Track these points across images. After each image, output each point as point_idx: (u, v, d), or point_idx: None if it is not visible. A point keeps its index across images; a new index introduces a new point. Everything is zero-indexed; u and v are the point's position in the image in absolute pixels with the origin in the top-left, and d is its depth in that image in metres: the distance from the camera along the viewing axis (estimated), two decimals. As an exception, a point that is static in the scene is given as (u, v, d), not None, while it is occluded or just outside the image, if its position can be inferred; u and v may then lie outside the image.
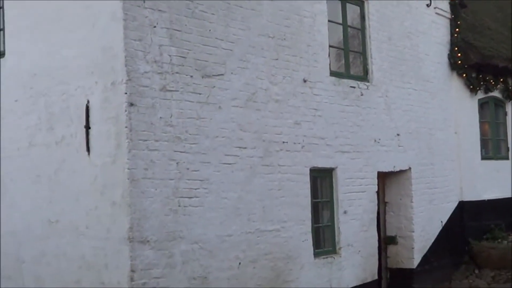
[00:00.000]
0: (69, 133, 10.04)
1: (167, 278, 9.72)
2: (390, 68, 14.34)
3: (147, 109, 9.54)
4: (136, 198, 9.34)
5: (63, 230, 10.18)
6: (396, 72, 14.50)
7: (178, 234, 9.89)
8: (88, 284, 9.87)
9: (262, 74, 11.38)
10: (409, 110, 14.82)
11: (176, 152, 9.91)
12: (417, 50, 15.24)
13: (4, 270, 11.21)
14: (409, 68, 14.95)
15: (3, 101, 11.14)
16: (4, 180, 11.14)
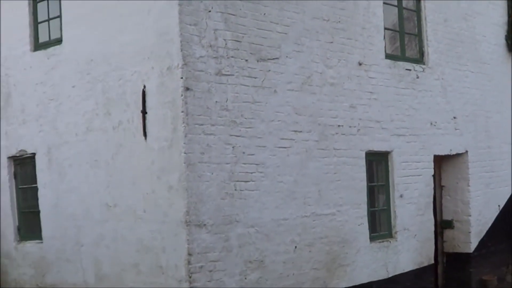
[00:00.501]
0: (126, 118, 10.13)
1: (223, 261, 9.78)
2: (446, 50, 14.11)
3: (203, 93, 9.57)
4: (192, 182, 9.40)
5: (121, 214, 10.30)
6: (452, 54, 14.27)
7: (234, 217, 9.93)
8: (145, 267, 9.99)
9: (317, 57, 11.31)
10: (465, 93, 14.58)
11: (232, 136, 9.93)
12: (473, 32, 14.96)
13: (64, 253, 11.40)
14: (466, 50, 14.68)
15: (61, 87, 11.28)
16: (63, 165, 11.30)
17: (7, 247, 12.76)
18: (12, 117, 12.31)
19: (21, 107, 12.09)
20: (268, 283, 10.36)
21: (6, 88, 12.42)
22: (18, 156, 12.31)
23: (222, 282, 9.75)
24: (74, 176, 11.10)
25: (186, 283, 9.40)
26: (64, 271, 11.46)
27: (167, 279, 9.66)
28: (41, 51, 11.73)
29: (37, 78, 11.73)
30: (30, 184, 12.18)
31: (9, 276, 12.83)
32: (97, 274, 10.83)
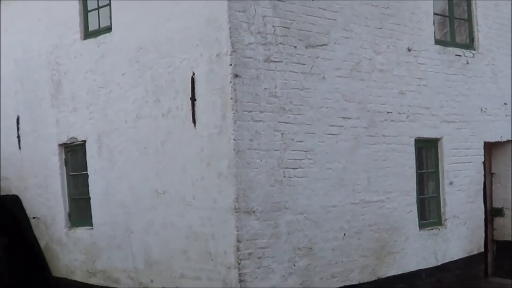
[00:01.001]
0: (175, 105, 10.17)
1: (272, 248, 9.78)
2: (497, 35, 13.87)
3: (252, 80, 9.56)
4: (241, 169, 9.41)
5: (170, 200, 10.36)
6: (503, 40, 14.01)
7: (283, 204, 9.92)
8: (194, 254, 10.05)
9: (366, 43, 11.22)
10: (516, 78, 14.35)
11: (281, 123, 9.91)
12: (524, 16, 14.70)
13: (114, 239, 11.53)
14: (517, 34, 14.44)
15: (111, 75, 11.38)
16: (113, 152, 11.41)
17: (58, 234, 12.95)
18: (63, 105, 12.46)
19: (72, 95, 12.24)
20: (316, 270, 10.35)
21: (57, 76, 12.57)
22: (69, 143, 12.47)
23: (271, 268, 9.76)
24: (124, 163, 11.21)
25: (235, 269, 9.43)
26: (114, 257, 11.60)
27: (216, 265, 9.71)
28: (91, 39, 11.84)
29: (87, 66, 11.85)
30: (80, 171, 12.33)
31: (60, 262, 13.02)
32: (146, 260, 10.93)
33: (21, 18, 13.47)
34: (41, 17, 12.91)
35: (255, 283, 9.55)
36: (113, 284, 11.68)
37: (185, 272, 10.23)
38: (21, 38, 13.55)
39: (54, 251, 13.20)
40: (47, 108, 12.92)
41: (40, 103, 13.13)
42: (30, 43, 13.33)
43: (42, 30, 12.92)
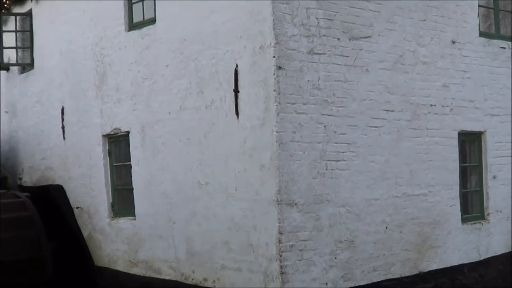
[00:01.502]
0: (219, 97, 10.20)
1: (314, 240, 9.78)
2: (543, 27, 13.68)
3: (295, 72, 9.55)
4: (284, 161, 9.42)
5: (213, 192, 10.41)
6: (549, 32, 13.82)
7: (325, 197, 9.91)
8: (236, 245, 10.09)
9: (410, 35, 11.14)
10: (562, 71, 14.10)
11: (324, 115, 9.89)
12: None
13: (156, 229, 11.62)
14: None
15: (154, 67, 11.45)
16: (156, 143, 11.49)
17: (101, 223, 13.11)
18: (107, 96, 12.59)
19: (116, 86, 12.35)
20: (358, 263, 10.32)
21: (102, 67, 12.70)
22: (113, 134, 12.60)
23: (312, 261, 9.76)
24: (167, 154, 11.28)
25: (277, 261, 9.45)
26: (156, 247, 11.69)
27: (257, 257, 9.73)
28: (135, 31, 11.93)
29: (131, 57, 11.95)
30: (123, 162, 12.46)
31: (102, 251, 13.18)
32: (188, 251, 11.01)
33: (67, 10, 13.66)
34: (87, 9, 13.05)
35: (296, 276, 9.56)
36: (155, 274, 11.78)
37: (226, 263, 10.28)
38: (67, 30, 13.74)
39: (97, 240, 13.36)
40: (91, 99, 13.07)
41: (84, 94, 13.29)
42: (75, 35, 13.50)
43: (87, 22, 13.07)
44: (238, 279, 10.06)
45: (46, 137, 14.77)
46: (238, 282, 10.07)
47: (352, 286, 10.23)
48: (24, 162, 15.83)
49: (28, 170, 15.65)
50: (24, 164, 15.83)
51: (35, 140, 15.26)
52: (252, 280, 9.83)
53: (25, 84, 15.68)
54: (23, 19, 15.54)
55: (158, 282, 11.68)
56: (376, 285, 10.57)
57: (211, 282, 10.57)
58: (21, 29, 15.56)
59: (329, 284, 9.94)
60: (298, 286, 9.57)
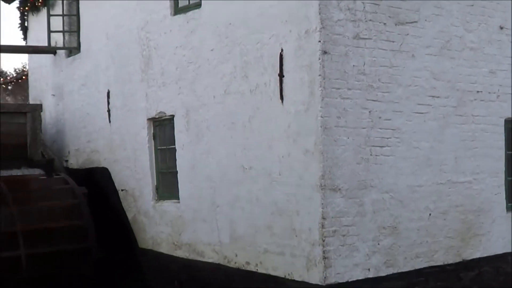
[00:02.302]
0: (263, 81, 10.21)
1: (357, 226, 9.76)
2: None
3: (340, 57, 9.52)
4: (328, 146, 9.40)
5: (257, 176, 10.44)
6: None
7: (369, 183, 9.88)
8: (279, 230, 10.11)
9: (457, 21, 11.01)
10: None
11: (369, 101, 9.85)
12: None
13: (200, 213, 11.71)
14: None
15: (200, 51, 11.50)
16: (200, 127, 11.55)
17: (146, 206, 13.24)
18: (152, 80, 12.69)
19: (161, 70, 12.43)
20: (401, 249, 10.28)
21: (147, 51, 12.79)
22: (158, 117, 12.69)
23: (355, 247, 9.75)
24: (211, 138, 11.34)
25: (319, 246, 9.46)
26: (199, 230, 11.78)
27: (300, 242, 9.75)
28: (180, 15, 11.97)
29: (176, 41, 12.01)
30: (168, 145, 12.55)
31: (146, 234, 13.31)
32: (231, 235, 11.07)
33: (113, -6, 13.78)
34: (133, -7, 13.15)
35: (339, 261, 9.56)
36: (198, 257, 11.88)
37: (269, 248, 10.31)
38: (113, 13, 13.87)
39: (141, 223, 13.51)
40: (137, 82, 13.18)
41: (130, 78, 13.41)
42: (121, 19, 13.62)
43: (133, 6, 13.16)
44: (281, 263, 10.10)
45: (92, 120, 14.96)
46: (280, 266, 10.10)
47: (394, 272, 10.20)
48: (70, 145, 16.06)
49: (74, 152, 15.87)
50: (70, 146, 16.06)
51: (81, 123, 15.46)
52: (294, 264, 9.86)
53: (72, 67, 15.88)
54: (70, 3, 15.74)
55: (201, 264, 11.77)
56: (418, 272, 10.52)
57: (253, 265, 10.62)
58: (68, 13, 15.76)
59: (372, 270, 9.93)
60: (341, 271, 9.57)
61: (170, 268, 12.63)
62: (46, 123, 16.78)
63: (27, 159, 14.74)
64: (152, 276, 13.29)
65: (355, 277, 9.74)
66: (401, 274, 10.29)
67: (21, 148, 14.74)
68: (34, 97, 18.22)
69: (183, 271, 12.31)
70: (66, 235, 12.73)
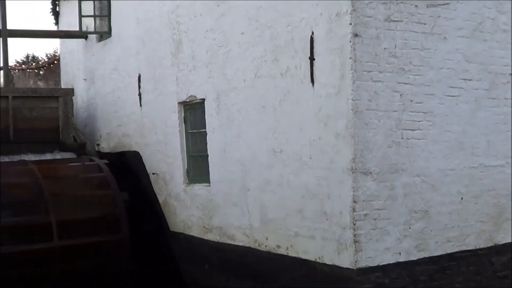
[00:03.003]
0: (294, 65, 10.18)
1: (388, 210, 9.73)
2: None
3: (372, 39, 9.45)
4: (359, 129, 9.37)
5: (287, 159, 10.43)
6: None
7: (400, 166, 9.83)
8: (310, 213, 10.11)
9: (489, 2, 10.85)
10: None
11: (400, 84, 9.78)
12: None
13: (231, 196, 11.75)
14: None
15: (230, 34, 11.49)
16: (231, 111, 11.57)
17: (177, 190, 13.30)
18: (183, 64, 12.71)
19: (192, 53, 12.45)
20: (432, 233, 10.22)
21: (177, 35, 12.81)
22: (188, 101, 12.73)
23: (386, 230, 9.72)
24: (241, 122, 11.35)
25: (350, 230, 9.45)
26: (230, 214, 11.82)
27: (331, 225, 9.74)
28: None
29: (207, 25, 12.01)
30: (199, 129, 12.59)
31: (177, 217, 13.39)
32: (262, 218, 11.09)
33: (144, -22, 13.80)
34: (163, -23, 13.16)
35: (370, 244, 9.55)
36: (229, 240, 11.93)
37: (300, 231, 10.32)
38: (144, -2, 13.90)
39: (172, 206, 13.58)
40: (167, 66, 13.22)
41: (160, 62, 13.45)
42: (151, 3, 13.64)
43: (163, -11, 13.18)
44: (311, 246, 10.10)
45: (123, 104, 15.04)
46: (311, 250, 10.11)
47: (425, 256, 10.16)
48: (101, 129, 16.17)
49: (105, 136, 15.98)
50: (101, 130, 16.17)
51: (112, 107, 15.56)
52: (325, 248, 9.86)
53: (103, 52, 15.97)
54: (101, -12, 15.81)
55: (232, 248, 11.83)
56: (450, 256, 10.47)
57: (284, 249, 10.64)
58: (99, -2, 15.85)
59: (403, 254, 9.90)
60: (371, 255, 9.56)
61: (201, 251, 12.71)
62: (77, 107, 16.92)
63: (60, 143, 14.89)
64: (183, 259, 13.38)
65: (386, 261, 9.72)
66: (432, 258, 10.25)
67: (54, 132, 14.87)
68: (65, 81, 18.36)
69: (213, 254, 12.38)
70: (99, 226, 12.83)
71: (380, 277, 9.66)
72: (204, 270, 12.68)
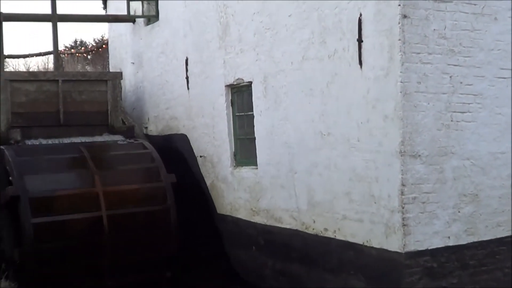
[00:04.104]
0: (342, 47, 10.11)
1: (437, 193, 9.64)
2: None
3: (421, 21, 9.33)
4: (408, 111, 9.28)
5: (335, 142, 10.39)
6: None
7: (450, 149, 9.72)
8: (357, 196, 10.07)
9: (543, -18, 10.65)
10: None
11: (450, 66, 9.64)
12: None
13: (278, 179, 11.75)
14: None
15: (277, 17, 11.45)
16: (278, 94, 11.54)
17: (224, 172, 13.36)
18: (230, 47, 12.72)
19: (239, 36, 12.45)
20: (481, 217, 10.10)
21: (225, 18, 12.82)
22: (236, 84, 12.74)
23: (435, 214, 9.63)
24: (289, 104, 11.32)
25: (399, 213, 9.39)
26: (277, 196, 11.83)
27: (379, 208, 9.70)
28: (258, -19, 11.95)
29: (254, 8, 11.98)
30: (246, 112, 12.61)
31: (225, 199, 13.45)
32: (309, 201, 11.08)
33: (191, -39, 13.81)
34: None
35: (418, 228, 9.48)
36: (276, 223, 11.95)
37: (347, 214, 10.29)
38: (191, -19, 13.92)
39: (219, 189, 13.65)
40: (214, 49, 13.24)
41: (208, 45, 13.48)
42: (199, -14, 13.66)
43: (210, -27, 13.19)
44: (359, 229, 10.07)
45: (171, 88, 15.12)
46: (359, 233, 10.08)
47: (475, 240, 10.05)
48: (149, 112, 16.29)
49: (153, 119, 16.10)
50: (149, 113, 16.29)
51: (160, 91, 15.66)
52: (373, 231, 9.82)
53: (150, 35, 16.05)
54: (149, -28, 15.88)
55: (279, 230, 11.85)
56: (499, 240, 10.33)
57: (331, 232, 10.63)
58: (147, -19, 15.92)
59: (452, 238, 9.81)
60: (420, 239, 9.49)
61: (248, 234, 12.75)
62: (126, 91, 17.07)
63: (108, 126, 15.02)
64: (230, 241, 13.45)
65: (435, 245, 9.64)
66: (482, 242, 10.12)
67: (103, 115, 15.00)
68: (114, 65, 18.53)
69: (260, 236, 12.42)
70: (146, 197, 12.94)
71: (428, 261, 9.59)
72: (251, 252, 12.73)
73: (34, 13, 16.23)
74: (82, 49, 32.88)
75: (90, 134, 14.51)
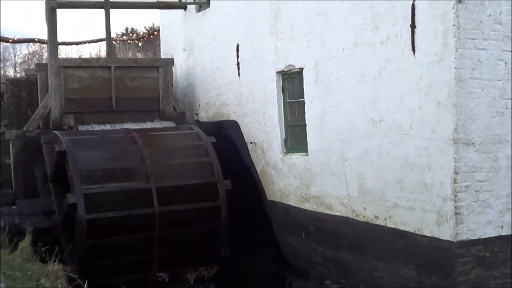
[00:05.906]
0: (394, 33, 10.00)
1: (490, 182, 9.50)
2: None
3: (476, 6, 9.17)
4: (462, 98, 9.15)
5: (387, 129, 10.30)
6: None
7: (504, 137, 9.57)
8: (409, 184, 9.98)
9: None
10: None
11: (505, 52, 9.48)
12: None
13: (328, 166, 11.70)
14: None
15: (329, 3, 11.36)
16: (330, 80, 11.47)
17: (274, 159, 13.35)
18: (281, 33, 12.67)
19: (290, 22, 12.39)
20: (536, 207, 9.94)
21: (276, 5, 12.78)
22: (286, 70, 12.70)
23: (488, 203, 9.50)
24: (340, 91, 11.24)
25: (451, 201, 9.28)
26: (328, 183, 11.78)
27: (431, 196, 9.59)
28: (309, -34, 11.86)
29: (305, -6, 11.92)
30: (297, 98, 12.56)
31: (275, 186, 13.45)
32: (360, 188, 11.01)
33: None
34: None
35: (471, 217, 9.36)
36: (326, 210, 11.91)
37: (398, 202, 10.20)
38: (240, -32, 13.90)
39: (269, 175, 13.64)
40: (265, 36, 13.21)
41: (259, 31, 13.45)
42: (249, -27, 13.63)
43: (261, -41, 13.14)
44: (410, 218, 9.98)
45: (222, 74, 15.14)
46: (410, 221, 9.99)
47: (529, 231, 9.90)
48: (200, 98, 16.34)
49: (204, 106, 16.15)
50: (200, 100, 16.35)
51: (210, 77, 15.69)
52: (424, 219, 9.72)
53: (201, 22, 16.08)
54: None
55: (329, 218, 11.81)
56: (554, 230, 10.16)
57: (382, 220, 10.55)
58: (198, -32, 15.95)
59: (505, 228, 9.66)
60: (473, 228, 9.38)
61: (298, 221, 12.74)
62: (177, 77, 17.14)
63: (160, 112, 15.14)
64: (280, 227, 13.45)
65: (488, 234, 9.51)
66: (536, 233, 9.97)
67: (154, 102, 15.13)
68: (165, 52, 18.62)
69: (310, 223, 12.39)
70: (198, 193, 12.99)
71: (481, 250, 9.47)
72: (301, 239, 12.71)
73: (87, 1, 16.38)
74: (134, 36, 33.15)
75: (142, 120, 14.64)
